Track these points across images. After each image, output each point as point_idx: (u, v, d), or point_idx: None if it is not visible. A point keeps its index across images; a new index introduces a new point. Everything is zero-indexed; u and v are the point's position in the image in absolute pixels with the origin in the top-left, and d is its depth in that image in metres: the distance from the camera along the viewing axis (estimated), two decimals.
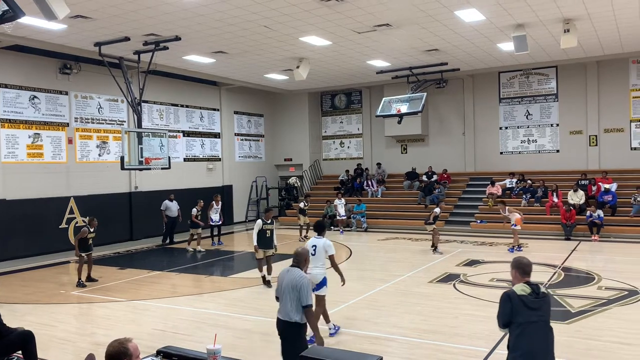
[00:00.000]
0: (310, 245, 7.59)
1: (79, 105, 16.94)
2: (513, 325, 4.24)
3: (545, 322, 4.30)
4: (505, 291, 4.38)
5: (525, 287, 4.30)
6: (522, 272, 4.44)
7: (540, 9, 12.59)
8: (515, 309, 4.22)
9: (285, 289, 5.26)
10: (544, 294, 4.35)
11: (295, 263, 5.48)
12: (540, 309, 4.27)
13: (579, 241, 16.05)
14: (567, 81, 20.25)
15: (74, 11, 11.33)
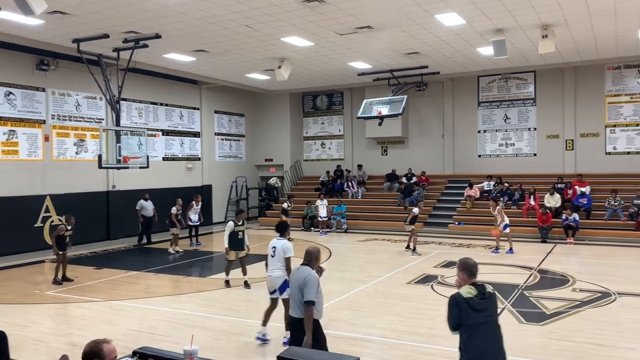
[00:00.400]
0: (270, 247, 7.45)
1: (56, 102, 16.68)
2: (462, 327, 4.30)
3: (493, 322, 4.38)
4: (452, 295, 4.42)
5: (471, 289, 4.35)
6: (469, 273, 4.49)
7: (519, 14, 12.78)
8: (463, 312, 4.28)
9: (296, 287, 5.32)
10: (490, 294, 4.42)
11: (306, 261, 5.52)
12: (487, 309, 4.34)
13: (554, 244, 16.31)
14: (544, 86, 20.58)
15: (52, 6, 11.16)
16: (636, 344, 7.31)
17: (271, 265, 7.32)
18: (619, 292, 10.03)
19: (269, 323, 7.51)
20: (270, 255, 7.35)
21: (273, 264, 7.30)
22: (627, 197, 17.42)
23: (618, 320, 8.34)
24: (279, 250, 7.36)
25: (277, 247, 7.40)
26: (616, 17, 13.24)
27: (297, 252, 7.69)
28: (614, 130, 19.58)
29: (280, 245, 7.39)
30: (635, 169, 18.99)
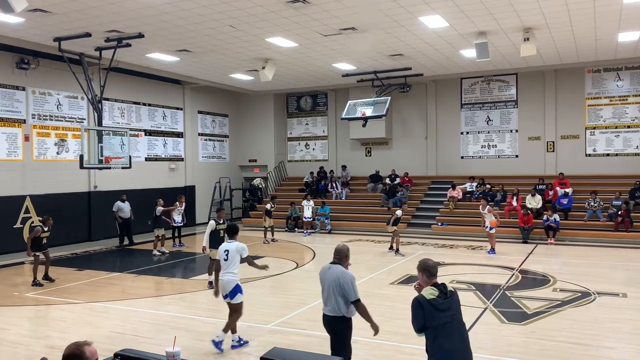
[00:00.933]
0: (222, 251, 7.31)
1: (37, 102, 16.45)
2: (428, 329, 4.31)
3: (458, 320, 4.41)
4: (415, 297, 4.43)
5: (433, 290, 4.37)
6: (428, 274, 4.50)
7: (501, 17, 12.92)
8: (427, 313, 4.29)
9: (329, 287, 5.32)
10: (452, 292, 4.45)
11: (336, 259, 5.49)
12: (450, 308, 4.36)
13: (536, 244, 16.51)
14: (526, 88, 20.83)
15: (33, 4, 11.01)
16: (615, 343, 7.43)
17: (223, 269, 7.20)
18: (598, 291, 10.18)
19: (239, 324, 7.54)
20: (223, 259, 7.22)
21: (225, 268, 7.18)
22: (606, 198, 17.71)
23: (597, 320, 8.47)
24: (232, 254, 7.23)
25: (230, 250, 7.26)
26: (596, 21, 13.46)
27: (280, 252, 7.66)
28: (594, 133, 19.89)
29: (233, 248, 7.27)
30: (614, 171, 19.33)
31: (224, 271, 7.19)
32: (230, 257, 7.21)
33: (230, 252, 7.23)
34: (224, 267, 7.20)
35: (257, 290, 10.95)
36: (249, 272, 12.76)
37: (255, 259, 14.69)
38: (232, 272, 7.19)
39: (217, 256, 7.36)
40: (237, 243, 7.37)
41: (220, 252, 7.32)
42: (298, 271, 13.02)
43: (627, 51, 17.04)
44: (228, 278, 7.18)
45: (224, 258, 7.24)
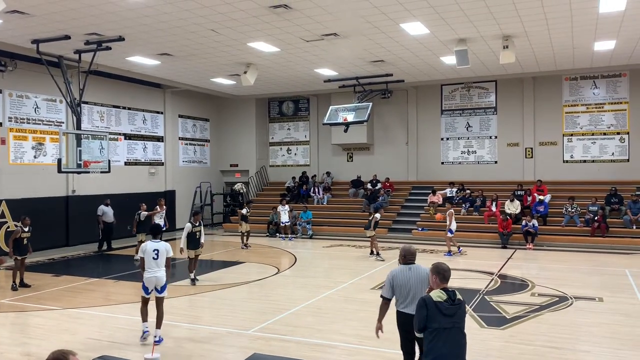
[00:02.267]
0: (152, 250, 7.77)
1: (14, 105, 16.18)
2: (428, 330, 4.38)
3: (459, 328, 4.45)
4: (422, 296, 4.53)
5: (442, 294, 4.44)
6: (441, 278, 4.58)
7: (481, 25, 13.09)
8: (431, 314, 4.36)
9: (416, 286, 5.41)
10: (459, 301, 4.49)
11: (411, 260, 5.62)
12: (454, 315, 4.41)
13: (514, 249, 16.70)
14: (505, 95, 21.11)
15: (11, 6, 10.85)
16: (592, 347, 7.54)
17: (155, 266, 7.76)
18: (575, 296, 10.33)
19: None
20: (153, 257, 7.75)
21: (157, 265, 7.77)
22: (583, 204, 18.01)
23: (575, 324, 8.59)
24: (162, 252, 7.82)
25: (159, 249, 7.81)
26: (573, 30, 13.72)
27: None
28: (571, 139, 20.23)
29: (162, 247, 7.85)
30: (591, 177, 19.67)
31: (156, 268, 7.76)
32: (161, 255, 7.81)
33: (160, 251, 7.81)
34: (154, 265, 7.76)
35: (238, 296, 10.89)
36: (231, 277, 12.71)
37: (236, 265, 14.63)
38: (163, 268, 7.82)
39: (145, 255, 7.82)
40: (164, 243, 7.98)
41: (149, 251, 7.79)
42: (279, 277, 12.98)
43: (603, 60, 17.39)
44: (162, 274, 7.79)
45: (153, 257, 7.78)
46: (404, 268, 5.61)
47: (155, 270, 7.74)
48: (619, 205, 17.75)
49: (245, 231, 17.72)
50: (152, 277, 7.73)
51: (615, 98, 19.58)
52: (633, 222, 16.94)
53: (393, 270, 5.65)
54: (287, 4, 11.41)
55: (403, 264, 5.66)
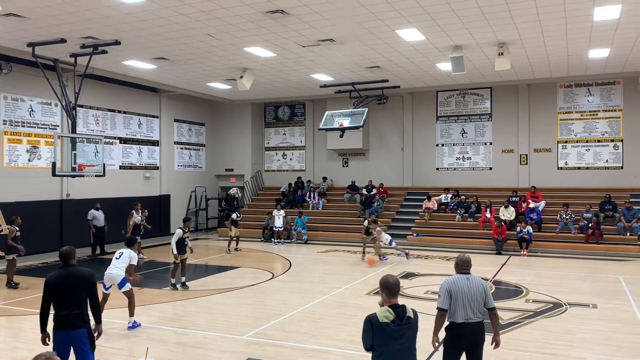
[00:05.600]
0: (118, 252, 8.86)
1: (9, 107, 16.12)
2: (375, 352, 4.19)
3: (408, 348, 4.25)
4: (368, 315, 4.27)
5: (389, 313, 4.19)
6: (388, 293, 4.34)
7: (476, 32, 13.16)
8: (377, 336, 4.14)
9: (476, 295, 5.24)
10: (409, 319, 4.25)
11: (467, 269, 5.43)
12: (402, 336, 4.18)
13: (509, 255, 16.73)
14: (500, 102, 21.21)
15: (6, 9, 10.83)
16: (586, 353, 7.55)
17: (114, 265, 8.65)
18: (569, 302, 10.36)
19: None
20: (116, 257, 8.76)
21: (117, 265, 8.64)
22: (577, 211, 18.07)
23: (569, 330, 8.60)
24: (125, 256, 8.76)
25: (124, 253, 8.81)
26: (567, 38, 13.81)
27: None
28: (566, 146, 20.32)
29: (127, 253, 8.81)
30: (585, 184, 19.76)
31: (114, 266, 8.62)
32: (123, 257, 8.74)
33: (123, 255, 8.78)
34: (115, 264, 8.65)
35: (232, 301, 10.86)
36: (225, 282, 12.67)
37: (230, 270, 14.58)
38: (120, 268, 8.65)
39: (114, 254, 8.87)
40: (130, 250, 8.92)
41: (116, 252, 8.84)
42: (274, 282, 12.95)
43: (598, 67, 17.50)
44: (117, 272, 8.61)
45: (116, 257, 8.76)
46: (460, 277, 5.38)
47: (112, 268, 8.62)
48: (612, 212, 17.83)
49: (235, 236, 17.80)
50: (108, 274, 8.66)
51: (609, 105, 19.70)
52: (627, 229, 17.01)
53: (448, 280, 5.36)
54: (284, 10, 11.44)
55: (458, 273, 5.43)
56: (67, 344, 5.30)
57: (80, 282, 5.43)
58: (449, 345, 5.33)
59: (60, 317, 5.30)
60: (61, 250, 5.57)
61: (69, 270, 5.50)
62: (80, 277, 5.47)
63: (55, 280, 5.43)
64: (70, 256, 5.56)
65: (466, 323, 5.22)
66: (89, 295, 5.46)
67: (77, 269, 5.58)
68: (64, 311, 5.30)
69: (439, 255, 16.39)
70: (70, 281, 5.42)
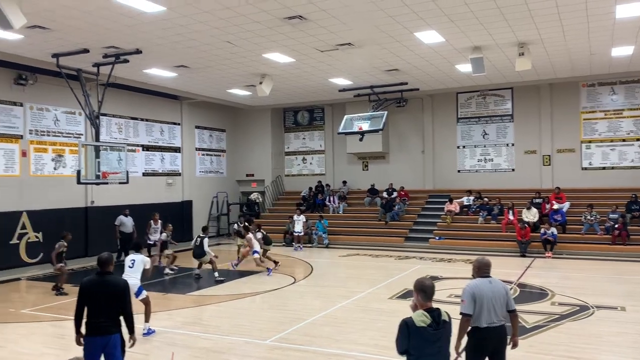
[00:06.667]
0: (129, 260, 8.91)
1: (34, 117, 16.46)
2: (411, 355, 4.17)
3: (444, 353, 4.24)
4: (403, 319, 4.25)
5: (425, 317, 4.18)
6: (424, 296, 4.31)
7: (496, 32, 13.05)
8: (413, 340, 4.12)
9: (498, 299, 5.18)
10: (445, 323, 4.25)
11: (488, 272, 5.36)
12: (439, 340, 4.17)
13: (533, 258, 16.50)
14: (522, 102, 20.96)
15: (31, 21, 11.08)
16: (614, 357, 7.41)
17: (129, 274, 8.69)
18: (596, 305, 10.17)
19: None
20: (129, 266, 8.84)
21: (131, 274, 8.74)
22: (603, 212, 17.74)
23: (596, 334, 8.45)
24: (138, 263, 8.89)
25: (136, 260, 8.91)
26: (589, 36, 13.60)
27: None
28: (589, 146, 19.98)
29: (139, 259, 8.95)
30: (610, 184, 19.39)
31: (130, 275, 8.65)
32: (136, 265, 8.86)
33: (136, 262, 8.88)
34: (130, 273, 8.74)
35: (254, 305, 10.91)
36: (247, 287, 12.74)
37: (252, 274, 14.63)
38: (135, 277, 8.76)
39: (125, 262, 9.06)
40: (142, 256, 9.14)
41: (127, 261, 8.90)
42: (295, 286, 12.98)
43: (622, 65, 17.19)
44: (133, 282, 8.36)
45: (129, 265, 8.85)
46: (483, 281, 5.30)
47: (126, 277, 8.42)
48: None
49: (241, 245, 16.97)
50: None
51: (634, 104, 19.31)
52: None
53: (471, 284, 5.28)
54: (302, 15, 11.49)
55: (479, 276, 5.34)
56: (99, 350, 5.40)
57: (114, 291, 5.54)
58: (472, 350, 5.26)
59: (93, 324, 5.41)
60: (100, 257, 5.69)
61: (105, 278, 5.61)
62: (114, 286, 5.59)
63: (89, 285, 5.57)
64: (108, 263, 5.69)
65: (490, 327, 5.15)
66: (122, 304, 5.55)
67: (113, 277, 5.71)
68: (96, 318, 5.40)
69: (462, 259, 16.23)
70: (104, 289, 5.52)
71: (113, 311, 5.47)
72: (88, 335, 5.42)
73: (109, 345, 5.43)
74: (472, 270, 5.56)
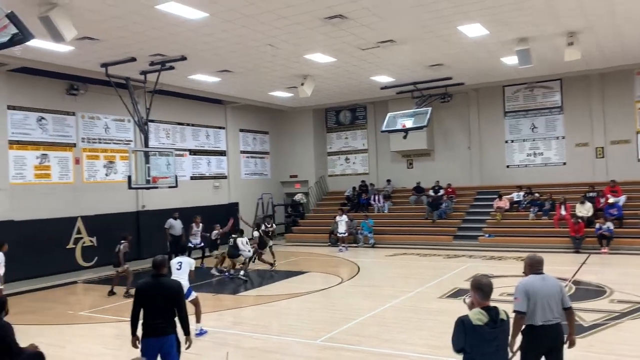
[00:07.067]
0: (176, 262, 8.99)
1: (86, 126, 17.06)
2: (468, 354, 4.10)
3: (502, 352, 4.15)
4: (460, 317, 4.19)
5: (483, 315, 4.10)
6: (482, 294, 4.24)
7: (542, 23, 12.65)
8: (469, 338, 4.05)
9: (553, 296, 5.07)
10: (502, 321, 4.16)
11: (541, 269, 5.27)
12: (496, 338, 4.09)
13: (588, 254, 15.91)
14: (571, 93, 20.26)
15: (81, 33, 11.46)
16: None
17: (177, 276, 8.61)
18: None
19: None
20: (177, 268, 8.90)
21: (179, 275, 8.71)
22: None
23: None
24: (185, 265, 9.03)
25: (183, 262, 9.06)
26: None
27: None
28: None
29: (186, 261, 9.12)
30: None
31: (178, 278, 8.31)
32: (183, 267, 8.99)
33: (183, 264, 9.02)
34: (177, 275, 8.71)
35: (303, 305, 10.94)
36: (295, 287, 12.80)
37: (299, 275, 14.71)
38: (184, 278, 8.79)
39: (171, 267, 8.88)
40: (188, 258, 9.32)
41: (174, 263, 8.95)
42: (343, 286, 12.95)
43: None
44: (184, 283, 8.42)
45: (177, 268, 8.92)
46: (536, 278, 5.18)
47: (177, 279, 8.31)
48: None
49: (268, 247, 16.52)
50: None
51: None
52: None
53: (523, 281, 5.15)
54: (343, 14, 11.46)
55: (531, 273, 5.21)
56: (156, 351, 5.54)
57: (169, 292, 5.67)
58: (527, 349, 5.10)
59: (150, 325, 5.55)
60: (155, 259, 5.84)
61: (159, 281, 5.74)
62: (169, 288, 5.71)
63: (145, 288, 5.72)
64: (163, 266, 5.84)
65: (545, 325, 5.01)
66: (176, 306, 5.67)
67: (167, 279, 5.87)
68: (153, 320, 5.54)
69: (513, 256, 15.82)
70: (159, 291, 5.65)
71: (168, 312, 5.58)
72: (145, 337, 5.55)
73: (166, 345, 5.55)
74: (523, 268, 5.42)
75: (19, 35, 5.32)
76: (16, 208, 14.88)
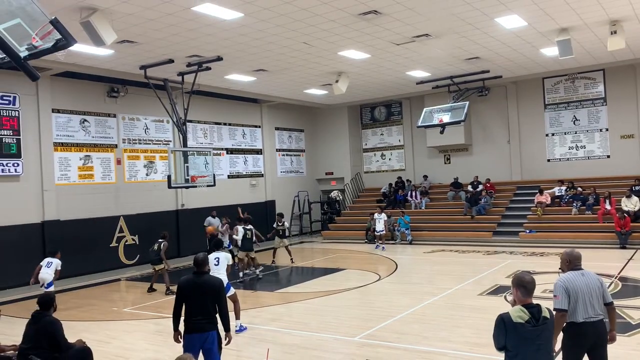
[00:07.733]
0: (213, 258, 8.96)
1: (127, 127, 17.48)
2: (509, 352, 4.01)
3: (545, 350, 4.03)
4: (500, 314, 4.09)
5: (524, 313, 3.99)
6: (524, 291, 4.11)
7: (584, 11, 12.27)
8: (510, 337, 3.95)
9: (594, 291, 4.94)
10: (545, 319, 4.03)
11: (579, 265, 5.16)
12: (539, 337, 3.97)
13: (635, 249, 15.38)
14: (615, 84, 19.59)
15: (121, 36, 11.75)
16: None
17: (215, 272, 8.55)
18: None
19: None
20: (214, 264, 8.87)
21: (217, 271, 8.71)
22: None
23: None
24: (222, 260, 9.10)
25: (220, 257, 9.12)
26: None
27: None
28: None
29: (223, 256, 9.19)
30: None
31: (216, 273, 8.34)
32: (221, 262, 9.08)
33: (220, 259, 9.10)
34: (215, 271, 8.62)
35: (341, 302, 10.94)
36: (332, 284, 12.82)
37: (336, 272, 14.71)
38: (222, 273, 8.82)
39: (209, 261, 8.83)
40: (224, 253, 9.34)
41: (211, 259, 8.78)
42: (380, 283, 12.88)
43: None
44: (223, 279, 8.23)
45: (214, 264, 8.90)
46: (576, 274, 5.03)
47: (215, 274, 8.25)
48: None
49: (281, 246, 16.45)
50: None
51: None
52: None
53: (563, 277, 5.01)
54: (377, 10, 11.38)
55: (570, 270, 5.08)
56: (197, 346, 5.63)
57: (211, 289, 5.75)
58: (570, 346, 4.97)
59: (192, 322, 5.64)
60: (197, 257, 5.95)
61: (201, 278, 5.83)
62: (210, 286, 5.79)
63: (187, 285, 5.81)
64: (205, 264, 5.93)
65: (587, 322, 4.87)
66: (217, 303, 5.76)
67: (209, 277, 5.94)
68: (194, 316, 5.63)
69: (555, 252, 15.42)
70: (201, 289, 5.74)
71: (210, 309, 5.67)
72: (187, 333, 5.66)
73: (207, 341, 5.64)
74: (561, 264, 5.29)
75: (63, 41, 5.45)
76: (61, 208, 15.40)
